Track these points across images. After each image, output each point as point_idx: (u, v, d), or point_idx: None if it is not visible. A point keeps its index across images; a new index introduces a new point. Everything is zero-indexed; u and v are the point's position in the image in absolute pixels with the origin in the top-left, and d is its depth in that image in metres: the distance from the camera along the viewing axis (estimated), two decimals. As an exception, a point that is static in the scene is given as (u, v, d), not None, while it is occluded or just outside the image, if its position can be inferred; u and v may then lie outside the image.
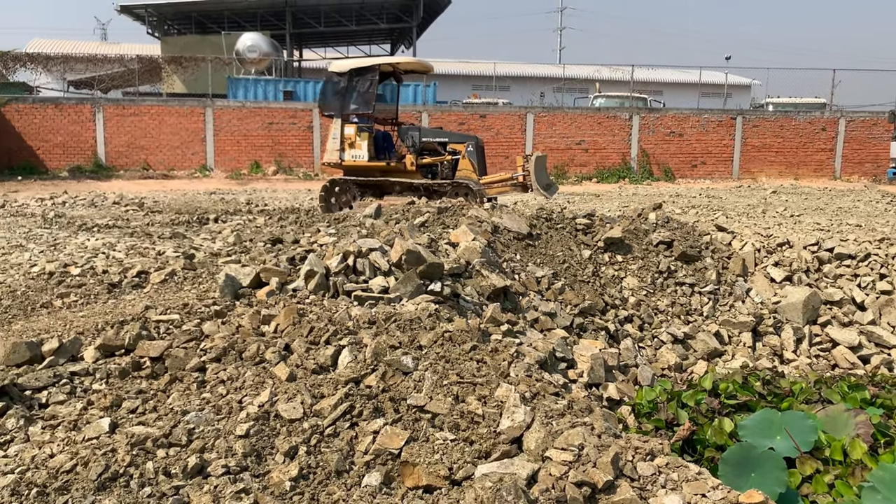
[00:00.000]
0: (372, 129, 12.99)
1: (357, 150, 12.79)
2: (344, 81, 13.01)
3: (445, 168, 12.93)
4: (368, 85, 12.95)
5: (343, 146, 12.82)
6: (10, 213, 12.31)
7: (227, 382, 3.40)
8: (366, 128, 12.85)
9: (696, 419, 4.37)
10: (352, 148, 12.81)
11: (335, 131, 12.98)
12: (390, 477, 2.66)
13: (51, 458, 2.79)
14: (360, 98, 12.95)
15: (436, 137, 13.32)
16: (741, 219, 12.18)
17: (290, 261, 5.69)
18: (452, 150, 12.98)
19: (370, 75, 12.91)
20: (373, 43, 41.03)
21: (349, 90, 12.97)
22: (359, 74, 12.95)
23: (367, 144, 12.74)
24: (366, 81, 12.95)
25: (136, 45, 39.62)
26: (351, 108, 12.92)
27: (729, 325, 6.89)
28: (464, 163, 12.82)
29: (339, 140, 12.87)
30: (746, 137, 26.18)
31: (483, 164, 13.36)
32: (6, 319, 5.21)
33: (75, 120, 23.68)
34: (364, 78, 12.95)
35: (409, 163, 12.75)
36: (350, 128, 12.83)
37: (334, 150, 12.93)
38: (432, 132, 13.60)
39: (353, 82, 12.98)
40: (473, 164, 12.81)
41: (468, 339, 3.68)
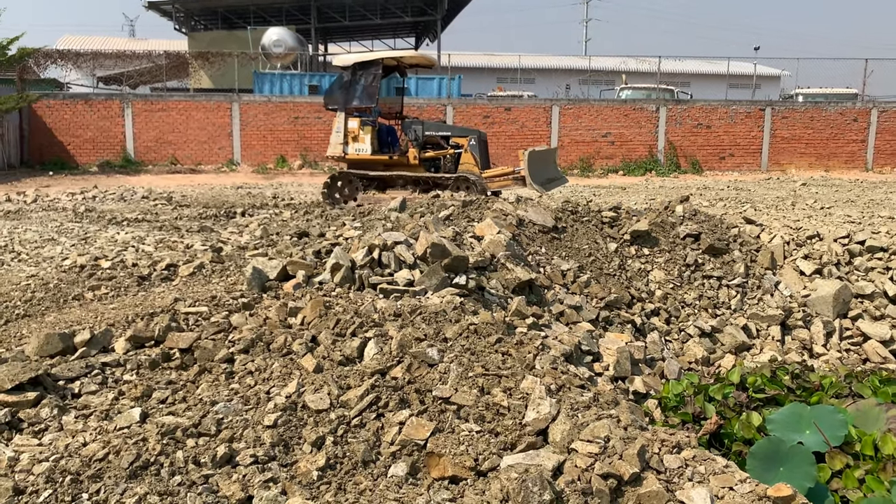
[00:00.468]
0: (375, 122, 13.03)
1: (360, 144, 12.88)
2: (347, 75, 13.10)
3: (448, 162, 12.95)
4: (372, 79, 13.07)
5: (346, 140, 12.91)
6: (43, 208, 12.53)
7: (255, 373, 3.44)
8: (369, 121, 12.91)
9: (724, 413, 4.34)
10: (355, 141, 12.90)
11: (338, 125, 13.09)
12: (416, 467, 2.67)
13: (83, 446, 2.84)
14: (363, 92, 13.07)
15: (438, 131, 13.33)
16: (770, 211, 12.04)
17: (317, 254, 5.73)
18: (455, 144, 12.98)
19: (373, 69, 13.02)
20: (397, 36, 41.05)
21: (352, 84, 13.07)
22: (362, 68, 13.06)
23: (371, 138, 12.84)
24: (369, 75, 13.08)
25: (163, 41, 40.04)
26: (354, 103, 13.01)
27: (757, 319, 6.81)
28: (466, 157, 12.82)
29: (342, 133, 12.97)
30: (776, 129, 25.80)
31: (486, 157, 13.36)
32: (39, 311, 5.31)
33: (105, 115, 24.00)
34: (367, 72, 13.08)
35: (412, 156, 12.82)
36: (353, 121, 12.92)
37: (338, 143, 13.03)
38: (435, 126, 13.59)
39: (357, 76, 13.09)
40: (476, 158, 12.82)
41: (493, 332, 3.68)
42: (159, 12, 32.58)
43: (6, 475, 2.66)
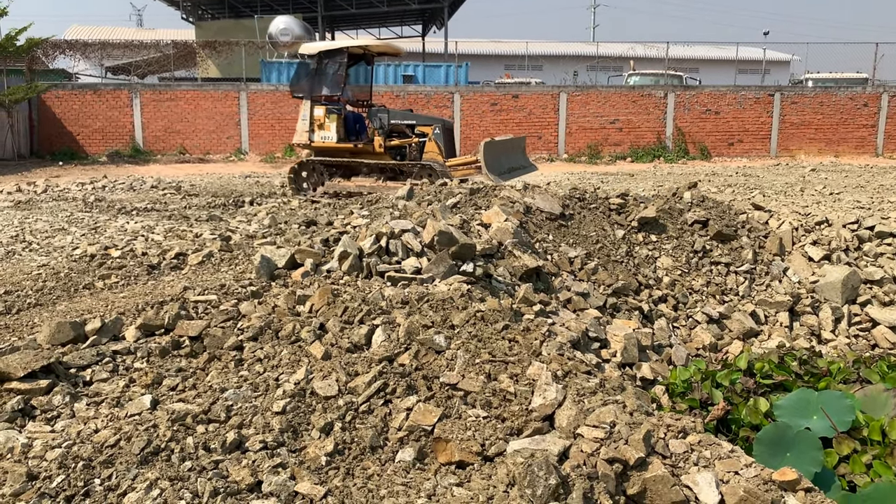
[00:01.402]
0: (341, 111, 13.06)
1: (326, 132, 12.93)
2: (313, 64, 13.14)
3: (413, 150, 12.99)
4: (337, 67, 13.11)
5: (312, 128, 12.97)
6: (53, 198, 12.60)
7: (264, 361, 3.47)
8: (335, 110, 12.95)
9: (731, 399, 4.34)
10: (321, 129, 12.94)
11: (304, 113, 13.14)
12: (423, 453, 2.70)
13: (95, 433, 2.88)
14: (329, 80, 13.12)
15: (404, 120, 13.40)
16: (779, 197, 11.99)
17: (325, 242, 5.75)
18: (420, 133, 13.01)
19: (339, 58, 13.05)
20: (404, 24, 40.91)
21: (318, 72, 13.11)
22: (328, 57, 13.10)
23: (337, 126, 12.88)
24: (334, 64, 13.12)
25: (171, 31, 40.03)
26: (320, 91, 13.07)
27: (765, 305, 6.80)
28: (430, 145, 12.88)
29: (308, 121, 13.02)
30: (785, 114, 25.63)
31: (452, 146, 13.42)
32: (50, 300, 5.36)
33: (113, 105, 24.05)
34: (333, 60, 13.12)
35: (377, 144, 12.86)
36: (319, 109, 12.96)
37: (304, 131, 13.09)
38: (401, 114, 13.63)
39: (323, 65, 13.12)
40: (440, 147, 12.88)
41: (500, 319, 3.70)
42: (167, 2, 32.57)
43: (20, 461, 2.70)
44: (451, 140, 13.40)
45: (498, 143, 12.63)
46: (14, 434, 2.92)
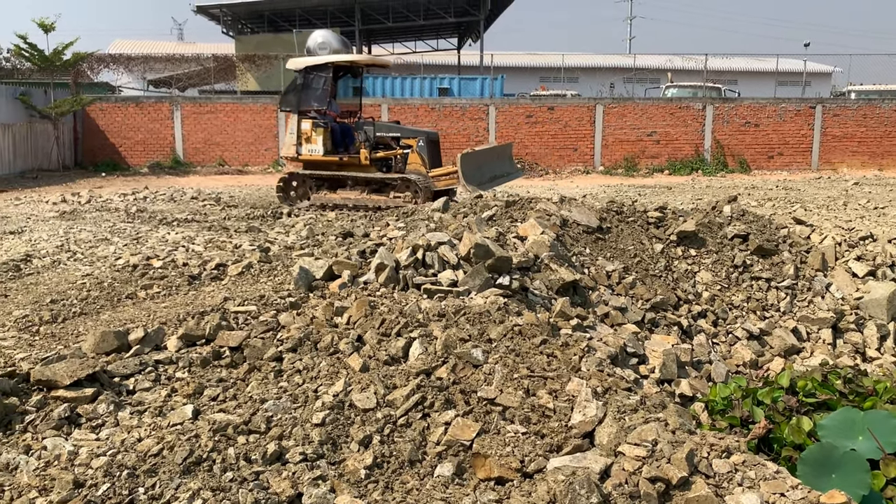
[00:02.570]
0: (328, 124, 13.24)
1: (313, 145, 13.14)
2: (300, 78, 13.36)
3: (399, 162, 13.07)
4: (323, 82, 13.34)
5: (300, 141, 13.19)
6: (96, 208, 12.88)
7: (303, 372, 3.50)
8: (321, 123, 13.13)
9: (773, 417, 4.25)
10: (308, 142, 13.15)
11: (292, 126, 13.38)
12: (462, 468, 2.69)
13: (139, 441, 2.93)
14: (315, 94, 13.34)
15: (389, 132, 13.45)
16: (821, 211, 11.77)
17: (361, 254, 5.79)
18: (405, 145, 13.08)
19: (324, 72, 13.29)
20: (440, 37, 41.11)
21: (305, 87, 13.34)
22: (313, 71, 13.34)
23: (323, 139, 13.07)
24: (320, 78, 13.35)
25: (211, 45, 40.77)
26: (306, 105, 13.28)
27: (807, 322, 6.67)
28: (413, 157, 12.97)
29: (295, 135, 13.25)
30: (826, 127, 25.17)
31: (437, 157, 13.44)
32: (95, 310, 5.47)
33: (155, 118, 24.55)
34: (318, 75, 13.34)
35: (363, 157, 12.99)
36: (306, 123, 13.16)
37: (291, 144, 13.34)
38: (386, 127, 13.70)
39: (309, 79, 13.35)
40: (423, 159, 12.93)
41: (538, 333, 3.68)
42: (208, 16, 33.17)
43: (66, 468, 2.75)
44: (436, 152, 13.50)
45: (477, 154, 12.74)
46: (61, 441, 2.98)
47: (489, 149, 13.68)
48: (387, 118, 24.33)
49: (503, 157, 13.89)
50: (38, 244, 8.74)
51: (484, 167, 12.66)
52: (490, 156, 13.25)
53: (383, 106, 24.48)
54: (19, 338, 4.78)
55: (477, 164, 12.36)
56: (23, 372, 3.58)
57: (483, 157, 12.83)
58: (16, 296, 6.14)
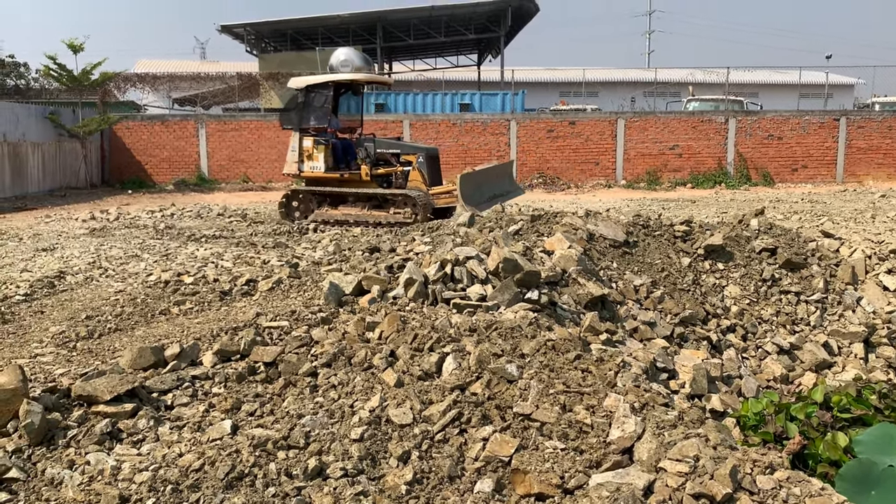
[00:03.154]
0: (328, 141, 13.38)
1: (314, 162, 13.29)
2: (301, 96, 13.55)
3: (399, 178, 13.11)
4: (324, 100, 13.58)
5: (302, 158, 13.35)
6: (125, 225, 13.07)
7: (339, 387, 3.53)
8: (322, 140, 13.27)
9: (807, 433, 4.22)
10: (310, 160, 13.31)
11: (294, 144, 13.53)
12: (501, 484, 2.70)
13: (180, 456, 2.97)
14: (316, 112, 13.56)
15: (389, 149, 13.53)
16: (849, 224, 11.65)
17: (389, 269, 5.82)
18: (406, 161, 13.11)
19: (325, 90, 13.52)
20: (460, 53, 41.34)
21: (306, 105, 13.55)
22: (314, 90, 13.55)
23: (325, 156, 13.20)
24: (321, 97, 13.58)
25: (235, 63, 41.31)
26: (307, 123, 13.48)
27: (839, 336, 6.60)
28: (414, 174, 13.02)
29: (297, 152, 13.40)
30: (851, 139, 24.94)
31: (437, 174, 13.50)
32: (129, 326, 5.55)
33: (180, 136, 24.88)
34: (319, 93, 13.57)
35: (363, 173, 13.07)
36: (308, 140, 13.33)
37: (293, 161, 13.47)
38: (386, 143, 13.77)
39: (310, 98, 13.56)
40: (423, 176, 12.98)
41: (571, 348, 3.68)
42: (231, 35, 33.64)
43: (110, 483, 2.80)
44: (435, 168, 13.54)
45: (477, 174, 12.71)
46: (103, 456, 3.03)
47: (489, 168, 13.72)
48: (409, 134, 24.47)
49: (503, 176, 13.85)
50: (70, 261, 8.89)
51: (483, 187, 12.61)
52: (489, 175, 13.25)
53: (405, 122, 24.63)
54: (57, 353, 4.86)
55: (476, 185, 12.32)
56: (63, 387, 3.65)
57: (482, 178, 12.81)
58: (51, 312, 6.24)
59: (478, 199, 12.04)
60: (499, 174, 13.72)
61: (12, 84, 27.87)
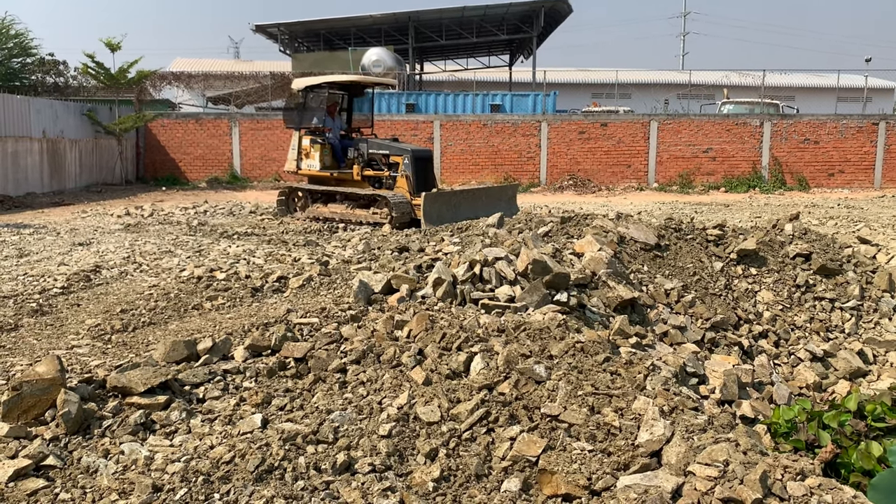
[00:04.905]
0: (325, 141, 13.70)
1: (311, 160, 13.71)
2: (301, 97, 13.89)
3: (388, 180, 13.12)
4: (320, 101, 13.94)
5: (300, 156, 13.81)
6: (159, 221, 13.27)
7: (367, 384, 3.56)
8: (318, 140, 13.62)
9: (840, 441, 4.15)
10: (307, 158, 13.74)
11: (294, 142, 14.02)
12: (528, 484, 2.70)
13: (211, 449, 3.02)
14: (315, 113, 13.92)
15: (380, 149, 13.47)
16: (886, 230, 11.43)
17: (417, 268, 5.85)
18: (393, 162, 13.14)
19: (322, 92, 13.91)
20: (492, 54, 41.35)
21: (306, 105, 13.91)
22: (313, 91, 13.91)
23: (320, 155, 13.53)
24: (319, 98, 13.94)
25: (268, 63, 41.75)
26: (307, 122, 13.85)
27: (874, 344, 6.48)
28: (401, 180, 12.91)
29: (296, 150, 13.88)
30: (890, 144, 24.45)
31: (426, 177, 13.19)
32: (162, 320, 5.64)
33: (213, 134, 25.19)
34: (317, 95, 13.94)
35: (355, 173, 13.22)
36: (306, 139, 13.74)
37: (292, 159, 14.03)
38: (377, 144, 13.63)
39: (309, 98, 13.91)
40: (409, 180, 12.80)
41: (600, 351, 3.67)
42: (265, 35, 34.02)
43: (143, 473, 2.85)
44: (425, 170, 13.26)
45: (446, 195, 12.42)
46: (137, 446, 3.09)
47: (473, 190, 13.51)
48: (439, 135, 24.49)
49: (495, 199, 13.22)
50: (105, 255, 9.05)
51: (462, 208, 12.13)
52: (471, 197, 12.79)
53: (435, 122, 24.67)
54: (93, 345, 4.96)
55: (444, 205, 11.98)
56: (99, 378, 3.73)
57: (458, 199, 12.46)
58: (87, 305, 6.37)
59: (443, 219, 11.52)
60: (490, 196, 13.22)
61: (52, 82, 28.44)
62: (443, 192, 12.62)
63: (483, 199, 12.90)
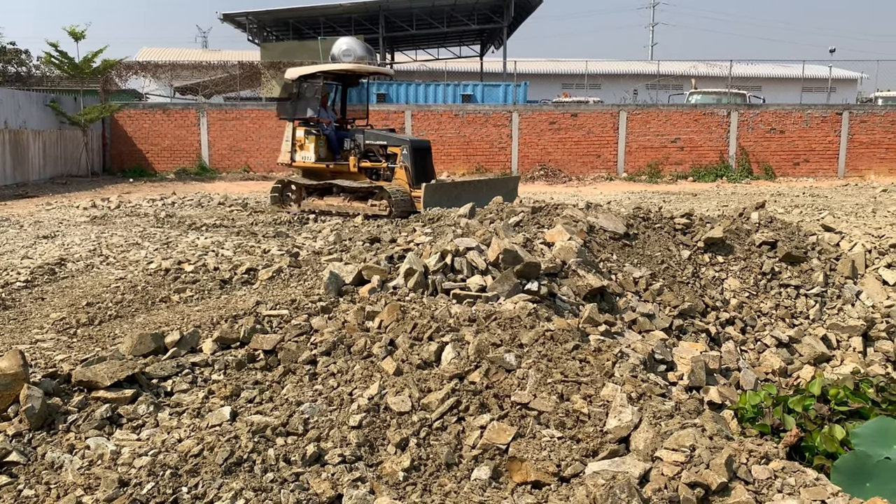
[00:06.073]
0: (320, 132, 13.33)
1: (306, 152, 13.28)
2: (295, 88, 13.53)
3: (386, 171, 12.95)
4: (315, 91, 13.50)
5: (294, 148, 13.35)
6: (126, 213, 13.07)
7: (338, 375, 3.55)
8: (313, 131, 13.24)
9: (804, 425, 4.23)
10: (302, 150, 13.31)
11: (287, 134, 13.52)
12: (498, 471, 2.71)
13: (179, 442, 2.99)
14: (309, 103, 13.50)
15: (377, 140, 13.29)
16: (849, 218, 11.64)
17: (389, 259, 5.83)
18: (391, 153, 12.99)
19: (316, 81, 13.45)
20: (463, 44, 41.22)
21: (300, 96, 13.52)
22: (306, 81, 13.48)
23: (315, 147, 13.14)
24: (313, 87, 13.51)
25: (236, 52, 41.22)
26: (301, 113, 13.46)
27: (837, 329, 6.62)
28: (399, 172, 12.75)
29: (290, 142, 13.40)
30: (853, 133, 24.90)
31: (424, 167, 13.09)
32: (129, 313, 5.56)
33: (181, 125, 24.85)
34: (311, 84, 13.50)
35: (351, 165, 13.01)
36: (300, 131, 13.31)
37: (286, 151, 13.50)
38: (373, 135, 13.50)
39: (303, 89, 13.52)
40: (408, 171, 12.66)
41: (570, 339, 3.70)
42: (234, 24, 33.54)
43: (110, 467, 2.82)
44: (423, 160, 13.16)
45: (446, 186, 12.39)
46: (103, 441, 3.05)
47: (474, 181, 13.35)
48: (410, 125, 24.42)
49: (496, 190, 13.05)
50: (71, 248, 8.90)
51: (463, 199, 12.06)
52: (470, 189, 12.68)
53: (407, 112, 24.59)
54: (58, 339, 4.88)
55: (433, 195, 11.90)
56: (64, 373, 3.67)
57: (458, 190, 12.39)
58: (52, 299, 6.26)
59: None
60: (492, 188, 13.11)
61: (14, 71, 27.82)
62: (444, 183, 12.48)
63: (484, 191, 12.75)
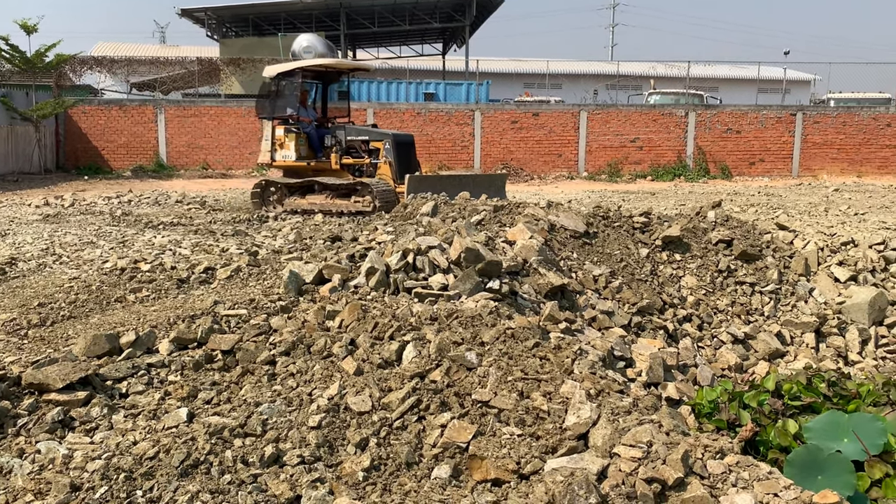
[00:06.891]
0: (300, 130, 13.17)
1: (286, 151, 13.06)
2: (273, 85, 13.28)
3: (369, 168, 12.89)
4: (294, 88, 13.31)
5: (274, 147, 13.11)
6: (80, 212, 12.78)
7: (297, 375, 3.52)
8: (293, 129, 13.06)
9: (759, 420, 4.31)
10: (282, 148, 13.08)
11: (266, 133, 13.29)
12: (459, 470, 2.72)
13: (134, 445, 2.93)
14: (288, 101, 13.31)
15: (359, 136, 13.20)
16: (803, 217, 11.92)
17: (350, 258, 5.80)
18: (374, 148, 12.94)
19: (294, 78, 13.23)
20: (425, 42, 41.17)
21: (279, 94, 13.28)
22: (284, 78, 13.26)
23: (295, 145, 12.96)
24: (292, 85, 13.31)
25: (194, 48, 40.59)
26: (280, 111, 13.24)
27: (791, 326, 6.76)
28: (383, 167, 12.73)
29: (270, 141, 13.16)
30: (807, 134, 25.50)
31: (408, 161, 13.06)
32: (83, 313, 5.44)
33: (138, 121, 24.39)
34: (290, 81, 13.30)
35: (333, 162, 12.88)
36: (280, 129, 13.10)
37: (266, 150, 13.26)
38: (356, 130, 13.41)
39: (281, 86, 13.28)
40: (392, 166, 12.64)
41: (531, 336, 3.71)
42: (192, 19, 33.03)
43: (62, 472, 2.75)
44: (407, 155, 13.09)
45: (431, 179, 12.36)
46: (55, 445, 2.97)
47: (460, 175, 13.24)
48: (372, 123, 24.34)
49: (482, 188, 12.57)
50: (22, 247, 8.67)
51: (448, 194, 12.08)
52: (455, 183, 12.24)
53: (369, 110, 24.49)
54: (7, 341, 4.74)
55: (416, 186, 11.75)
56: (13, 375, 3.57)
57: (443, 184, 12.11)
58: (2, 299, 6.09)
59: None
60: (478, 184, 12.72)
61: (-38, 65, 27.00)
62: (428, 176, 12.35)
63: (470, 186, 12.68)
